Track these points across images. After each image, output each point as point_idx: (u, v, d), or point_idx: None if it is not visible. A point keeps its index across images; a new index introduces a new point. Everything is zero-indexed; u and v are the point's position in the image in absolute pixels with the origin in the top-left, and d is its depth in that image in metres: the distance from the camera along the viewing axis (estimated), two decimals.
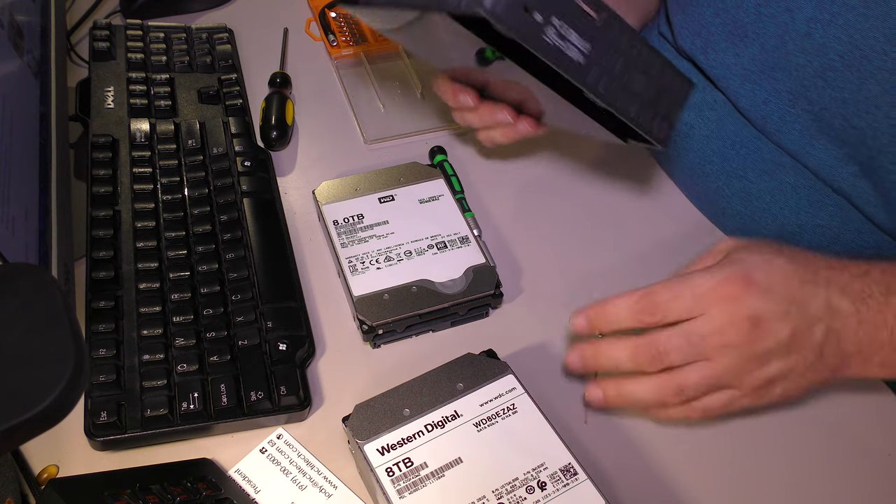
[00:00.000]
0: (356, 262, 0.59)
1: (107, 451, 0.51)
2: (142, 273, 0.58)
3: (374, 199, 0.63)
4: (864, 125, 0.54)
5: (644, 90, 0.50)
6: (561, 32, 0.46)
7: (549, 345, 0.58)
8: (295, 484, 0.50)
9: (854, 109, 0.55)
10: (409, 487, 0.46)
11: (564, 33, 0.46)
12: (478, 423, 0.49)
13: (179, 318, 0.55)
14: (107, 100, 0.70)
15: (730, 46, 0.62)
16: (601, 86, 0.48)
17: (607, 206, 0.68)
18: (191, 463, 0.50)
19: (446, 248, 0.60)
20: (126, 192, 0.63)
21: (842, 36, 0.53)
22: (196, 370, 0.53)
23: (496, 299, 0.59)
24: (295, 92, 0.77)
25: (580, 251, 0.65)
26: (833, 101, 0.56)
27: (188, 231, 0.61)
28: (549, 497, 0.46)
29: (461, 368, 0.51)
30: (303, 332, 0.56)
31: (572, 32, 0.46)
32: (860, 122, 0.55)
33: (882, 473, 0.52)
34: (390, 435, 0.48)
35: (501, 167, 0.71)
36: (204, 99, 0.72)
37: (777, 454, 0.53)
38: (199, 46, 0.76)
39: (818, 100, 0.57)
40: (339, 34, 0.81)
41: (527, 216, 0.67)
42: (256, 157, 0.67)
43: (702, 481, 0.51)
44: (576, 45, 0.46)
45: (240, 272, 0.59)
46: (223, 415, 0.52)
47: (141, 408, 0.51)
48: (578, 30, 0.46)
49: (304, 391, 0.53)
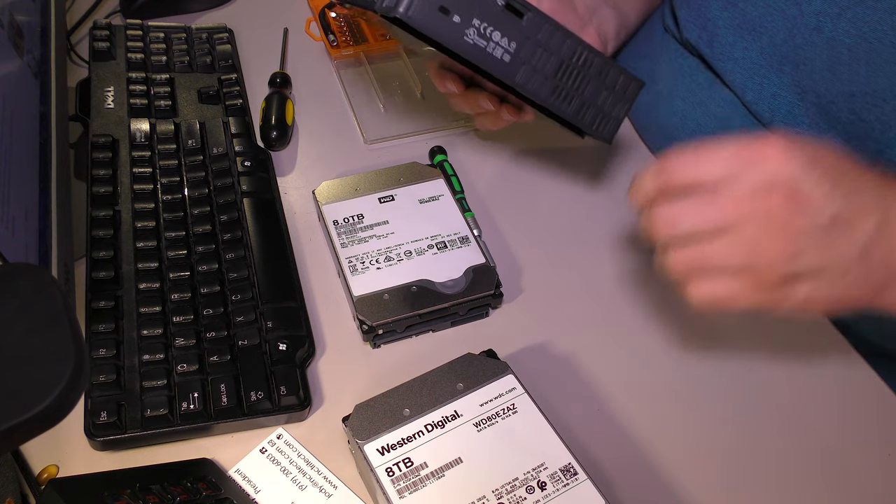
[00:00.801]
0: (356, 262, 0.59)
1: (107, 451, 0.51)
2: (142, 273, 0.58)
3: (374, 199, 0.63)
4: (873, 118, 0.54)
5: (581, 88, 0.52)
6: (482, 32, 0.48)
7: (549, 345, 0.58)
8: (295, 484, 0.50)
9: (863, 103, 0.54)
10: (409, 487, 0.46)
11: (486, 33, 0.48)
12: (478, 423, 0.49)
13: (179, 318, 0.55)
14: (107, 100, 0.70)
15: (738, 40, 0.62)
16: (532, 84, 0.50)
17: (608, 205, 0.68)
18: (191, 463, 0.50)
19: (446, 248, 0.60)
20: (126, 192, 0.63)
21: (851, 29, 0.53)
22: (196, 370, 0.53)
23: (496, 299, 0.59)
24: (295, 92, 0.77)
25: (580, 251, 0.65)
26: (841, 94, 0.55)
27: (188, 231, 0.61)
28: (549, 497, 0.46)
29: (461, 368, 0.51)
30: (303, 332, 0.56)
31: (496, 32, 0.48)
32: (869, 116, 0.54)
33: (882, 473, 0.52)
34: (390, 435, 0.48)
35: (501, 167, 0.71)
36: (204, 99, 0.72)
37: (776, 454, 0.53)
38: (199, 46, 0.76)
39: (826, 93, 0.56)
40: (339, 34, 0.81)
41: (527, 216, 0.67)
42: (256, 157, 0.67)
43: (702, 481, 0.51)
44: (500, 45, 0.49)
45: (240, 272, 0.59)
46: (223, 415, 0.52)
47: (141, 408, 0.51)
48: (501, 29, 0.48)
49: (304, 391, 0.53)
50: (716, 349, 0.58)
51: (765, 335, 0.59)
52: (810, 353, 0.58)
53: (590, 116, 0.53)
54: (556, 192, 0.69)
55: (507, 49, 0.49)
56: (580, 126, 0.54)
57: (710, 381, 0.57)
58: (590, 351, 0.58)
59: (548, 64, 0.50)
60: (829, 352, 0.59)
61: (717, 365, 0.58)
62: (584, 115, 0.53)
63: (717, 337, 0.59)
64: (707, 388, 0.56)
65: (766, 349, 0.58)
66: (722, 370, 0.57)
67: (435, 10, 0.47)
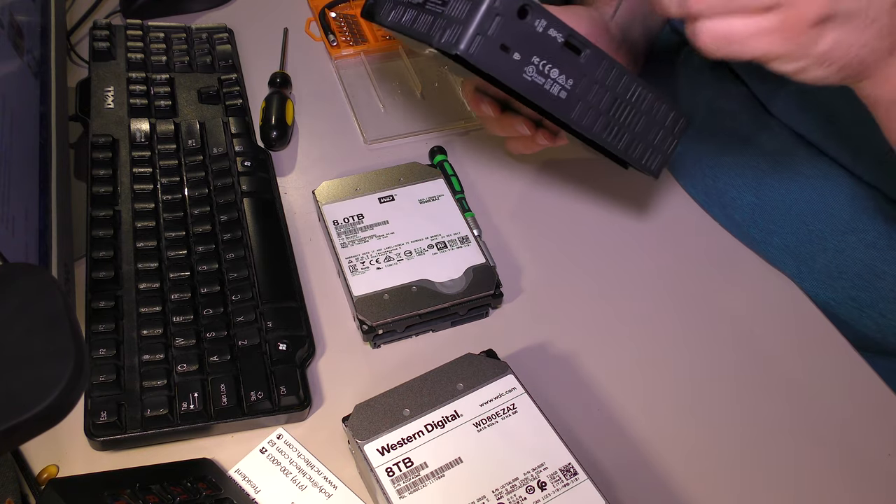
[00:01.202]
0: (356, 262, 0.59)
1: (107, 451, 0.51)
2: (142, 273, 0.58)
3: (374, 199, 0.63)
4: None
5: (633, 124, 0.52)
6: (541, 70, 0.47)
7: (549, 345, 0.58)
8: (295, 484, 0.50)
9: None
10: (409, 487, 0.46)
11: (545, 70, 0.48)
12: (478, 423, 0.49)
13: (179, 318, 0.55)
14: (107, 100, 0.70)
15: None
16: (586, 120, 0.50)
17: (608, 205, 0.68)
18: (191, 463, 0.50)
19: (446, 248, 0.60)
20: (126, 192, 0.63)
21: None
22: (196, 370, 0.53)
23: (496, 299, 0.59)
24: (295, 92, 0.77)
25: (580, 251, 0.65)
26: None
27: (188, 231, 0.61)
28: (549, 497, 0.46)
29: (461, 368, 0.51)
30: (303, 332, 0.56)
31: (554, 70, 0.48)
32: None
33: (882, 473, 0.52)
34: (390, 435, 0.48)
35: (501, 167, 0.71)
36: (204, 99, 0.72)
37: (777, 454, 0.53)
38: (199, 46, 0.76)
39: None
40: (339, 34, 0.81)
41: (527, 216, 0.67)
42: (256, 157, 0.67)
43: (702, 481, 0.51)
44: (557, 82, 0.48)
45: (240, 272, 0.59)
46: (223, 415, 0.52)
47: (141, 408, 0.51)
48: (560, 67, 0.48)
49: (304, 391, 0.53)
50: (715, 349, 0.58)
51: (764, 335, 0.59)
52: (810, 352, 0.58)
53: (639, 152, 0.53)
54: (556, 191, 0.69)
55: (564, 86, 0.48)
56: (629, 161, 0.53)
57: (709, 380, 0.57)
58: (590, 351, 0.58)
59: (603, 100, 0.50)
60: (829, 351, 0.59)
61: (717, 365, 0.58)
62: (633, 150, 0.53)
63: (716, 337, 0.59)
64: (707, 388, 0.56)
65: (765, 349, 0.58)
66: (721, 370, 0.57)
67: (496, 49, 0.46)
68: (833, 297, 0.63)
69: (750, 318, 0.60)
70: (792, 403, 0.56)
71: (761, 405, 0.55)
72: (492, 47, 0.46)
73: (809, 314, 0.61)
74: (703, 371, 0.57)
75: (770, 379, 0.57)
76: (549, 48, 0.47)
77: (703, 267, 0.64)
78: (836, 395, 0.56)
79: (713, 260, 0.64)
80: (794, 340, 0.59)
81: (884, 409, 0.56)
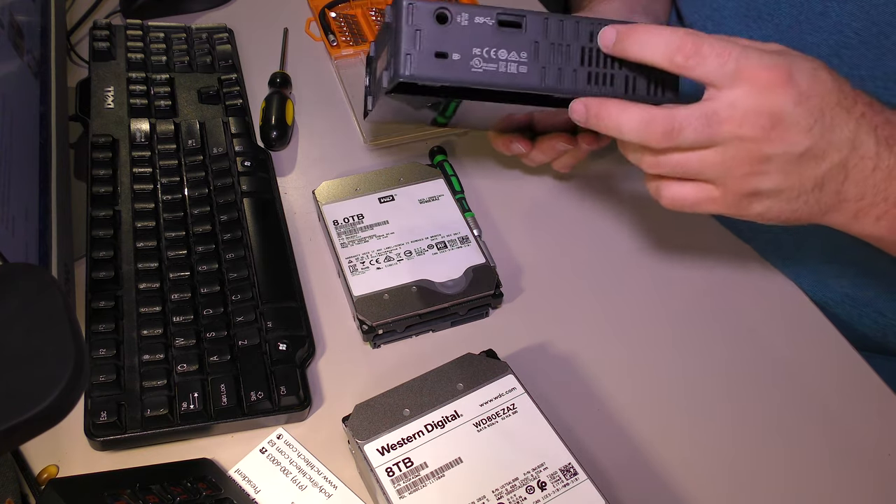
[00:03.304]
0: (356, 262, 0.59)
1: (107, 451, 0.51)
2: (142, 273, 0.58)
3: (374, 199, 0.63)
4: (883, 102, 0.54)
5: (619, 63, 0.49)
6: (487, 57, 0.47)
7: (549, 345, 0.58)
8: (295, 484, 0.50)
9: (871, 87, 0.54)
10: (409, 487, 0.46)
11: (492, 55, 0.47)
12: (478, 423, 0.49)
13: (179, 318, 0.55)
14: (107, 100, 0.70)
15: (743, 28, 0.61)
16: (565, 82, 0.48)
17: (608, 205, 0.68)
18: (191, 463, 0.50)
19: (446, 248, 0.60)
20: (126, 192, 0.63)
21: (857, 12, 0.53)
22: (196, 370, 0.53)
23: (496, 299, 0.59)
24: (295, 92, 0.77)
25: (580, 251, 0.65)
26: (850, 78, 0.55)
27: (188, 231, 0.61)
28: (549, 497, 0.46)
29: (461, 368, 0.51)
30: (303, 332, 0.56)
31: (501, 51, 0.47)
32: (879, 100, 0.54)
33: (882, 473, 0.52)
34: (390, 435, 0.48)
35: (501, 167, 0.71)
36: (204, 99, 0.72)
37: (776, 454, 0.53)
38: (199, 46, 0.76)
39: None
40: (339, 34, 0.81)
41: (527, 216, 0.67)
42: (256, 157, 0.67)
43: (702, 481, 0.51)
44: (510, 60, 0.48)
45: (240, 272, 0.59)
46: (223, 415, 0.52)
47: (141, 408, 0.51)
48: (505, 46, 0.47)
49: (304, 391, 0.53)
50: (715, 349, 0.58)
51: (764, 335, 0.59)
52: (810, 353, 0.58)
53: (641, 87, 0.50)
54: (557, 191, 0.69)
55: (520, 60, 0.47)
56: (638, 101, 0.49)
57: (709, 381, 0.57)
58: (590, 351, 0.58)
59: (570, 56, 0.48)
60: (829, 351, 0.59)
61: (717, 365, 0.58)
62: (633, 88, 0.49)
63: (716, 336, 0.59)
64: (707, 388, 0.56)
65: (765, 349, 0.58)
66: (721, 370, 0.57)
67: (432, 59, 0.46)
68: (830, 297, 0.63)
69: (750, 318, 0.60)
70: (792, 403, 0.56)
71: (761, 405, 0.55)
72: (427, 60, 0.46)
73: (809, 314, 0.61)
74: (703, 371, 0.57)
75: (770, 379, 0.57)
76: (483, 35, 0.47)
77: (703, 267, 0.64)
78: (835, 395, 0.56)
79: (713, 260, 0.64)
80: (795, 340, 0.59)
81: (884, 409, 0.56)
